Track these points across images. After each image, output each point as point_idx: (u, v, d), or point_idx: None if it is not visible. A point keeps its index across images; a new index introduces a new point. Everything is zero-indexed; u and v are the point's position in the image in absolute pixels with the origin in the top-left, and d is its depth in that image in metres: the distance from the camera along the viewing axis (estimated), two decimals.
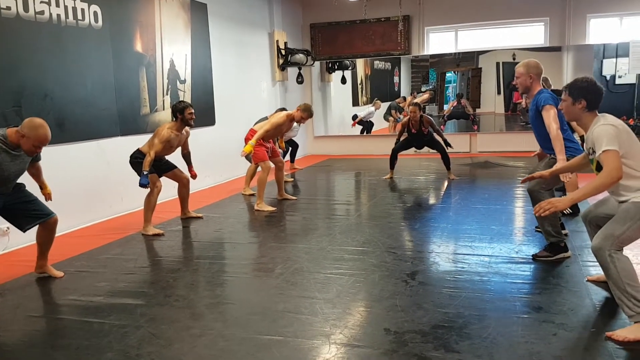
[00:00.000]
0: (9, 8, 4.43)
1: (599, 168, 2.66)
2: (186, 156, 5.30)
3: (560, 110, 3.02)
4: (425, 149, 7.70)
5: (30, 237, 3.90)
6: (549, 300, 3.03)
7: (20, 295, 3.44)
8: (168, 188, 5.52)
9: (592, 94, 2.77)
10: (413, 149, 7.67)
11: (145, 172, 4.63)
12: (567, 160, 3.54)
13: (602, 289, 3.14)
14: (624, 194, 2.65)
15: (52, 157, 4.72)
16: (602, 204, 2.98)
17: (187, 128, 5.03)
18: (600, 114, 2.79)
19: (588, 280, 3.28)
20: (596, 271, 3.39)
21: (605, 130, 2.62)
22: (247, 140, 6.14)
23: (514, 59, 10.25)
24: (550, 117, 3.65)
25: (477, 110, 10.62)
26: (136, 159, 4.82)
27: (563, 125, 3.73)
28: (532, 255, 3.77)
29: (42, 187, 3.91)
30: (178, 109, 4.89)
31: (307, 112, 5.68)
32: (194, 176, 5.29)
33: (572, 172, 3.47)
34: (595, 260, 3.47)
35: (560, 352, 2.43)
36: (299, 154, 8.89)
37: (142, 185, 4.63)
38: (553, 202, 2.66)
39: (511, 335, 2.62)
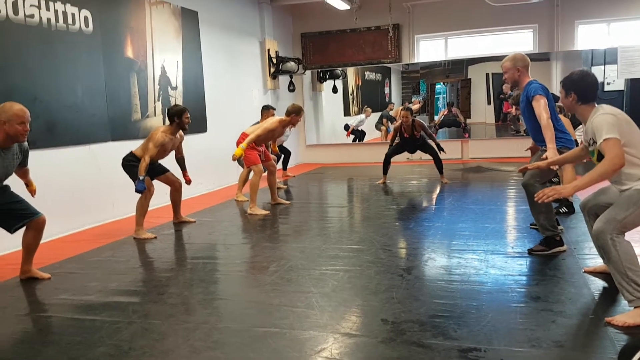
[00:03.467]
0: None
1: (600, 158, 2.65)
2: (180, 160, 5.25)
3: (555, 99, 3.03)
4: (417, 155, 7.71)
5: (16, 242, 3.81)
6: (546, 291, 3.00)
7: (8, 296, 3.37)
8: (160, 194, 5.46)
9: (582, 87, 2.78)
10: (406, 155, 7.67)
11: (141, 177, 4.58)
12: (558, 150, 3.54)
13: (600, 279, 3.12)
14: (627, 183, 2.64)
15: (42, 161, 4.68)
16: (602, 193, 2.96)
17: (181, 132, 5.00)
18: (598, 105, 2.78)
19: (585, 272, 3.26)
20: (593, 263, 3.38)
21: (604, 119, 2.61)
22: (238, 143, 6.11)
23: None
24: (540, 106, 3.65)
25: (468, 121, 10.67)
26: (129, 162, 4.78)
27: (554, 116, 3.74)
28: (528, 250, 3.76)
29: (28, 184, 3.86)
30: (175, 113, 4.85)
31: (298, 112, 5.63)
32: (188, 181, 5.24)
33: (569, 164, 3.46)
34: (592, 252, 3.50)
35: (560, 337, 2.40)
36: (291, 162, 8.86)
37: (138, 191, 4.58)
38: (557, 189, 2.65)
39: (509, 323, 2.59)
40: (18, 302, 3.29)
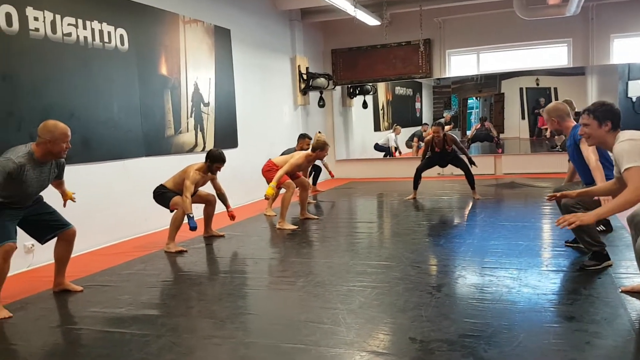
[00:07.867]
0: (37, 30, 4.56)
1: None
2: (222, 197, 5.31)
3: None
4: (449, 170, 7.62)
5: (50, 255, 3.88)
6: (581, 311, 2.91)
7: (41, 307, 3.43)
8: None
9: (617, 115, 2.87)
10: (436, 170, 7.58)
11: (191, 215, 4.66)
12: None
13: (638, 299, 3.01)
14: None
15: (77, 175, 4.79)
16: None
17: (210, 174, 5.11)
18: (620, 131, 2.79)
19: (622, 291, 3.15)
20: (630, 282, 3.26)
21: (622, 148, 2.61)
22: (264, 172, 6.21)
23: (537, 84, 10.17)
24: (588, 149, 3.68)
25: (501, 135, 10.52)
26: (160, 192, 4.95)
27: (603, 156, 3.69)
28: (581, 265, 3.67)
29: (63, 194, 3.94)
30: (210, 157, 4.96)
31: (323, 148, 5.67)
32: (232, 217, 5.28)
33: (605, 196, 3.35)
34: (629, 271, 3.39)
35: (595, 359, 2.32)
36: (320, 177, 8.87)
37: (192, 228, 4.64)
38: (578, 216, 2.67)
39: (542, 344, 2.51)
40: (50, 314, 3.36)
